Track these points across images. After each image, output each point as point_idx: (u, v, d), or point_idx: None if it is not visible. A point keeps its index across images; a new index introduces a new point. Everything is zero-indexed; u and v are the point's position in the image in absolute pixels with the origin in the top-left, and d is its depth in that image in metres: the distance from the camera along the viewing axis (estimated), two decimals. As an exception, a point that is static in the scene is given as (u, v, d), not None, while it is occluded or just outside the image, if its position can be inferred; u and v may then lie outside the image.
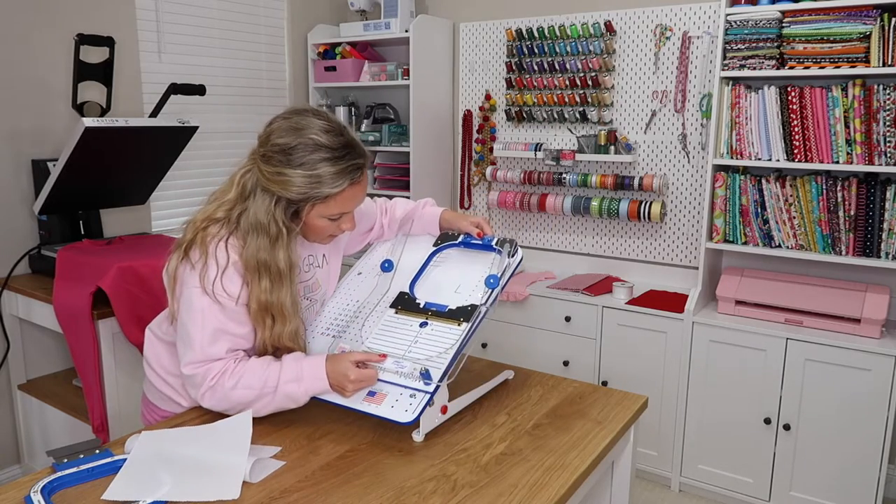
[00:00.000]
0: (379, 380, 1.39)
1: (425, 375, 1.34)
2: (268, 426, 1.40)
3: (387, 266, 1.65)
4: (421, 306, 1.52)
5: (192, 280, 1.36)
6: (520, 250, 1.57)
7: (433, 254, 1.64)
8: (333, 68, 3.56)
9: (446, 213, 1.71)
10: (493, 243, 1.58)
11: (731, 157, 2.61)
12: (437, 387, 1.34)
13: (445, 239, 1.66)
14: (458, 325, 1.44)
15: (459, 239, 1.64)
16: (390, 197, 1.86)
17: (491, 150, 3.45)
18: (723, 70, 2.57)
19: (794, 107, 2.47)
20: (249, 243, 1.35)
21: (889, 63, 2.29)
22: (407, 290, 1.57)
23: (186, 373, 1.37)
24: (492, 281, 1.50)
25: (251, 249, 1.35)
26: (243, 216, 1.37)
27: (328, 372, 1.36)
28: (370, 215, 1.73)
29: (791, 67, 2.47)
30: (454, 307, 1.48)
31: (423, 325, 1.48)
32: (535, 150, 3.22)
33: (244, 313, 1.38)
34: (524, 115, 3.31)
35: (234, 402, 1.35)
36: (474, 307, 1.46)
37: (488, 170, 3.40)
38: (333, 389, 1.37)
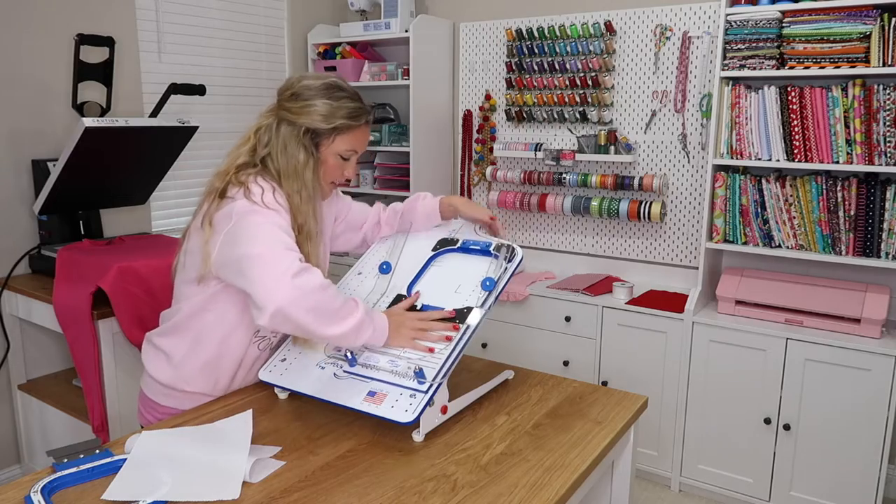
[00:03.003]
0: (377, 380, 1.39)
1: (419, 374, 1.34)
2: (268, 426, 1.40)
3: (385, 268, 1.65)
4: (418, 308, 1.53)
5: (240, 206, 1.37)
6: (520, 250, 1.57)
7: (431, 258, 1.64)
8: (333, 68, 3.56)
9: (454, 199, 1.71)
10: (492, 249, 1.59)
11: (731, 157, 2.61)
12: (436, 386, 1.34)
13: (444, 244, 1.66)
14: (455, 325, 1.45)
15: (458, 244, 1.64)
16: (389, 197, 1.88)
17: (491, 150, 3.45)
18: (723, 70, 2.57)
19: (794, 107, 2.47)
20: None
21: (889, 63, 2.29)
22: (404, 293, 1.58)
23: (256, 286, 1.29)
24: (488, 284, 1.50)
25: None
26: (269, 159, 1.46)
27: (389, 319, 1.43)
28: (361, 212, 1.77)
29: (791, 67, 2.47)
30: (450, 309, 1.49)
31: None
32: (535, 150, 3.22)
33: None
34: (524, 115, 3.31)
35: (316, 301, 1.29)
36: (470, 309, 1.47)
37: (488, 170, 3.40)
38: (392, 340, 1.43)
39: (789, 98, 2.47)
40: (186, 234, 1.54)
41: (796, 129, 2.48)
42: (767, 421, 2.51)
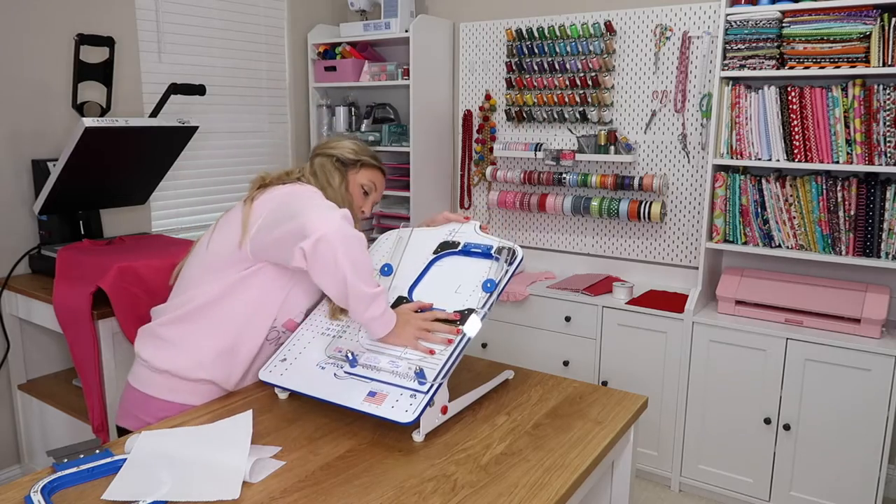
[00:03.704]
0: (378, 380, 1.39)
1: (420, 375, 1.34)
2: (268, 426, 1.40)
3: (386, 270, 1.66)
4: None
5: (286, 188, 1.56)
6: (520, 250, 1.58)
7: (433, 261, 1.65)
8: (333, 68, 3.56)
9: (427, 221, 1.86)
10: (493, 251, 1.59)
11: (731, 157, 2.61)
12: (436, 387, 1.34)
13: (445, 247, 1.66)
14: (455, 327, 1.45)
15: (460, 247, 1.64)
16: (389, 197, 1.94)
17: (491, 150, 3.45)
18: (723, 70, 2.57)
19: (794, 107, 2.47)
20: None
21: (889, 63, 2.29)
22: (405, 295, 1.58)
23: (308, 216, 1.41)
24: (489, 285, 1.50)
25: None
26: (303, 178, 1.66)
27: (397, 318, 1.48)
28: None
29: (791, 67, 2.47)
30: (451, 311, 1.49)
31: None
32: (535, 150, 3.22)
33: None
34: (524, 115, 3.31)
35: (357, 247, 1.40)
36: (471, 311, 1.47)
37: (488, 170, 3.40)
38: (391, 338, 1.46)
39: (789, 98, 2.47)
40: (211, 228, 1.63)
41: (796, 129, 2.48)
42: (767, 421, 2.51)
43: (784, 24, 2.45)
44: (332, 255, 1.35)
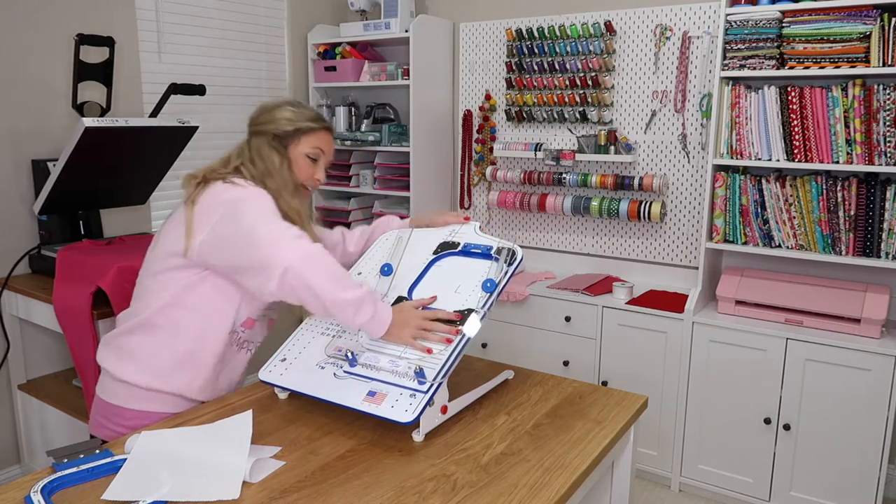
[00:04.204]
0: (378, 380, 1.39)
1: (419, 374, 1.34)
2: (268, 426, 1.40)
3: (386, 270, 1.66)
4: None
5: (230, 194, 1.47)
6: (520, 250, 1.58)
7: (432, 262, 1.65)
8: (333, 68, 3.56)
9: (423, 214, 1.83)
10: (493, 252, 1.59)
11: (731, 157, 2.61)
12: (436, 386, 1.34)
13: (445, 247, 1.66)
14: (455, 327, 1.45)
15: (459, 247, 1.65)
16: (389, 197, 1.92)
17: (491, 150, 3.45)
18: (723, 70, 2.57)
19: (794, 107, 2.47)
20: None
21: (889, 63, 2.29)
22: (405, 295, 1.58)
23: (264, 250, 1.38)
24: (489, 285, 1.51)
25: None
26: (242, 167, 1.57)
27: (394, 314, 1.45)
28: (330, 235, 1.84)
29: (791, 67, 2.47)
30: (451, 311, 1.49)
31: None
32: (535, 150, 3.22)
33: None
34: (524, 115, 3.31)
35: (322, 262, 1.38)
36: (471, 311, 1.47)
37: (488, 170, 3.40)
38: (390, 336, 1.44)
39: (789, 98, 2.47)
40: (158, 233, 1.59)
41: (796, 129, 2.48)
42: (767, 421, 2.51)
43: (784, 24, 2.45)
44: (301, 282, 1.35)
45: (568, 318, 2.90)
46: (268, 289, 1.36)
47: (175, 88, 2.57)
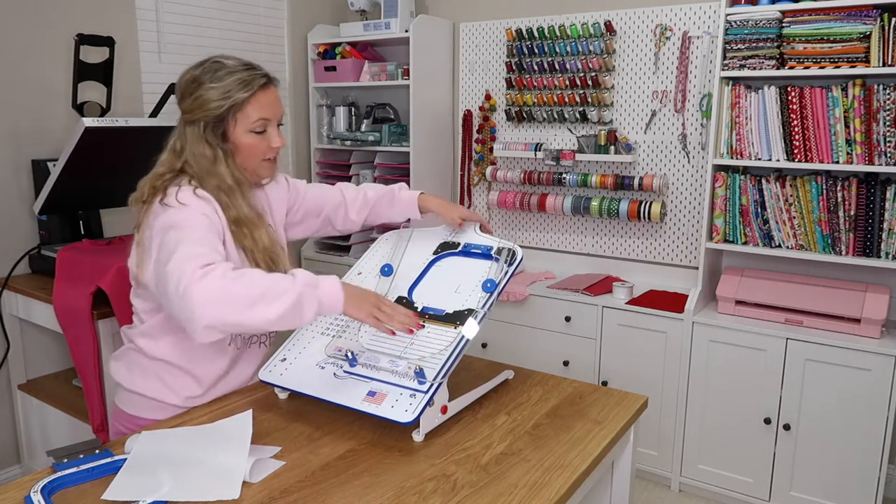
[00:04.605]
0: (377, 380, 1.39)
1: (419, 374, 1.34)
2: (268, 426, 1.40)
3: (386, 270, 1.66)
4: (418, 310, 1.53)
5: (160, 221, 1.34)
6: (520, 250, 1.58)
7: (433, 262, 1.65)
8: (333, 68, 3.56)
9: (431, 199, 1.73)
10: (493, 252, 1.59)
11: (731, 157, 2.61)
12: (436, 386, 1.34)
13: (446, 248, 1.67)
14: (454, 328, 1.45)
15: (459, 248, 1.65)
16: None
17: (491, 150, 3.45)
18: (723, 70, 2.57)
19: (794, 107, 2.47)
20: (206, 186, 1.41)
21: (889, 63, 2.29)
22: (405, 295, 1.58)
23: (168, 276, 1.22)
24: (489, 286, 1.51)
25: (210, 187, 1.41)
26: (186, 165, 1.43)
27: (345, 288, 1.32)
28: (319, 196, 1.73)
29: (791, 67, 2.47)
30: (451, 311, 1.49)
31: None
32: (535, 150, 3.22)
33: (217, 233, 1.37)
34: (524, 115, 3.31)
35: (231, 295, 1.20)
36: (471, 311, 1.47)
37: (488, 170, 3.40)
38: (348, 309, 1.33)
39: (789, 98, 2.47)
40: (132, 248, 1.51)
41: (796, 129, 2.48)
42: (767, 421, 2.51)
43: (784, 24, 2.45)
44: (228, 327, 1.24)
45: (568, 318, 2.90)
46: (199, 342, 1.25)
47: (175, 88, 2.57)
